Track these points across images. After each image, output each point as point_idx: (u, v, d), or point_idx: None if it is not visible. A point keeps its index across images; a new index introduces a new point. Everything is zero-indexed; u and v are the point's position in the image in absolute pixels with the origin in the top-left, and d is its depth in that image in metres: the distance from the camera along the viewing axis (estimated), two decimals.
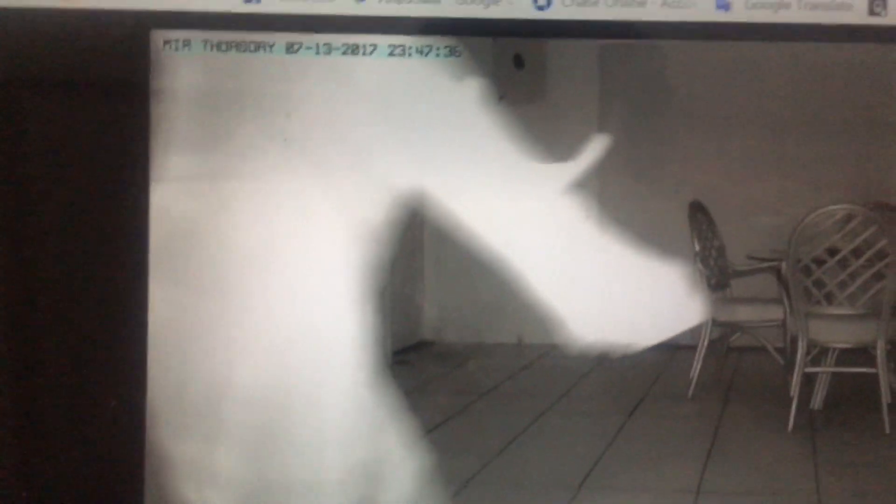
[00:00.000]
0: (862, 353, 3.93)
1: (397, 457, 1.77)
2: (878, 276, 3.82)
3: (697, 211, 4.37)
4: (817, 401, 4.01)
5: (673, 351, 4.47)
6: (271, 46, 1.46)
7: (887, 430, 3.73)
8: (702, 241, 4.31)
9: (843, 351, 3.98)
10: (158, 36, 1.45)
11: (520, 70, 5.29)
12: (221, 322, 1.58)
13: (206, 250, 1.56)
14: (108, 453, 1.50)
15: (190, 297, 1.57)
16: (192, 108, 1.50)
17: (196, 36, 1.44)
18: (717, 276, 4.37)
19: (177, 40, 1.45)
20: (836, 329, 3.90)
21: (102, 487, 1.50)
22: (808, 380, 3.98)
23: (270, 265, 1.59)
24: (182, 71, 1.48)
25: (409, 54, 1.49)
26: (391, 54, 1.49)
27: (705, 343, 4.27)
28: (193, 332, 1.57)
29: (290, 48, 1.46)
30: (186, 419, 1.58)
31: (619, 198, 4.36)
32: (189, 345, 1.57)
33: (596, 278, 1.77)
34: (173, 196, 1.50)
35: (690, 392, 4.27)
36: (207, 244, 1.56)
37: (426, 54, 1.50)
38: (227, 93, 1.52)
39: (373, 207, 1.62)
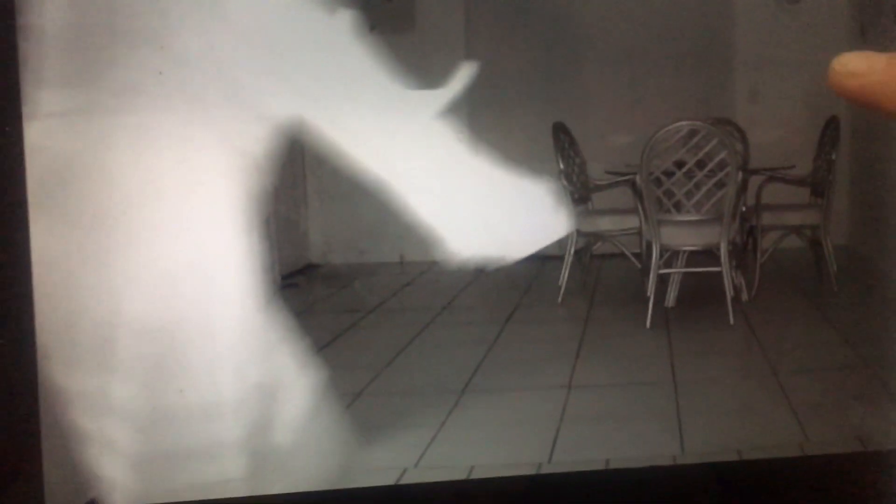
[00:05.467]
0: (708, 255, 4.07)
1: (291, 375, 1.75)
2: (720, 185, 3.94)
3: (560, 131, 4.40)
4: (671, 299, 4.15)
5: (542, 261, 4.54)
6: None
7: (731, 322, 3.89)
8: (565, 159, 4.35)
9: (692, 253, 4.12)
10: None
11: (389, 2, 5.18)
12: (108, 256, 1.50)
13: (86, 185, 1.47)
14: (0, 392, 1.42)
15: (73, 233, 1.49)
16: (61, 43, 1.39)
17: None
18: (579, 191, 4.43)
19: None
20: (685, 233, 4.01)
21: None
22: (662, 280, 4.10)
23: (154, 199, 1.52)
24: (49, 4, 1.36)
25: None
26: None
27: (571, 252, 4.35)
28: (79, 266, 1.50)
29: None
30: (78, 352, 1.51)
31: (487, 121, 4.36)
32: (76, 279, 1.50)
33: (470, 197, 1.76)
34: (48, 132, 1.40)
35: (560, 298, 4.35)
36: (88, 179, 1.47)
37: None
38: (97, 26, 1.41)
39: (253, 138, 1.55)
